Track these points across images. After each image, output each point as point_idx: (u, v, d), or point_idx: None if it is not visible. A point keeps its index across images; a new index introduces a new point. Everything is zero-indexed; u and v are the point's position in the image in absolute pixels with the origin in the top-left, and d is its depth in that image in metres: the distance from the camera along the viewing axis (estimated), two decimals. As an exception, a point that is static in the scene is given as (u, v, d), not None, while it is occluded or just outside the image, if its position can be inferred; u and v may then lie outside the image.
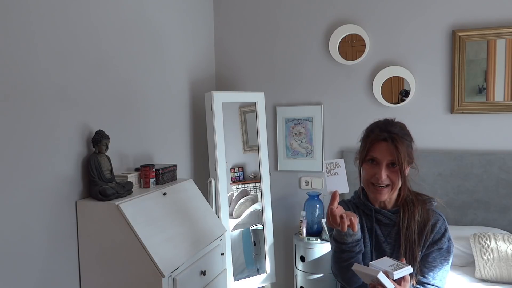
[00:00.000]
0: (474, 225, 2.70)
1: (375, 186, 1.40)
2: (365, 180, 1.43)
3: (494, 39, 2.68)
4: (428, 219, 1.41)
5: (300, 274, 2.88)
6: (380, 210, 1.46)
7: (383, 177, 1.37)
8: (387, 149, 1.37)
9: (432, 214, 1.43)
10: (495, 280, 2.27)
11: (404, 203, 1.44)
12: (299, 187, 3.21)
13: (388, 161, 1.38)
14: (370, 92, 2.97)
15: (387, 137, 1.37)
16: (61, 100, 1.80)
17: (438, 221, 1.42)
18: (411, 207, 1.42)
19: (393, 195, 1.44)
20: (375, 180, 1.39)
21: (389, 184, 1.39)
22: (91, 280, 1.90)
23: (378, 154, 1.38)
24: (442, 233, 1.41)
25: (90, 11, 1.97)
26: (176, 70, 2.78)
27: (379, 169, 1.38)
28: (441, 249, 1.40)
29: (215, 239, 2.25)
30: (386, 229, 1.45)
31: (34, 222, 1.68)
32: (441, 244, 1.40)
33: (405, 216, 1.41)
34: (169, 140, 2.68)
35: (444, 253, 1.41)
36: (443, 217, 1.45)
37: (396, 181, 1.39)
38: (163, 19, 2.61)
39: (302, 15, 3.11)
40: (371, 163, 1.41)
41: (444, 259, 1.41)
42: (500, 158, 2.67)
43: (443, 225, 1.42)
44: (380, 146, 1.38)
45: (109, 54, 2.11)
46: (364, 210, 1.50)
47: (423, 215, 1.42)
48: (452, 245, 1.43)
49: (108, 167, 1.94)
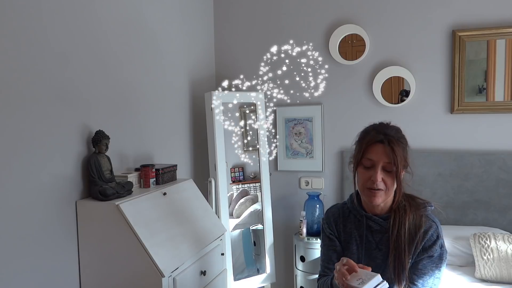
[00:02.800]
0: (474, 225, 2.70)
1: (370, 190, 1.37)
2: (360, 185, 1.41)
3: (494, 39, 2.68)
4: (420, 226, 1.38)
5: (300, 274, 2.88)
6: (371, 216, 1.43)
7: (378, 179, 1.35)
8: (383, 151, 1.35)
9: (425, 221, 1.39)
10: (495, 280, 2.27)
11: (396, 209, 1.41)
12: (299, 187, 3.21)
13: (384, 163, 1.35)
14: (370, 92, 2.97)
15: (383, 139, 1.36)
16: (61, 100, 1.80)
17: (430, 228, 1.38)
18: (403, 213, 1.39)
19: (387, 199, 1.41)
20: (370, 183, 1.37)
21: (383, 188, 1.36)
22: (91, 280, 1.90)
23: (374, 155, 1.36)
24: (434, 241, 1.37)
25: (90, 11, 1.97)
26: (176, 70, 2.78)
27: (375, 171, 1.35)
28: (432, 256, 1.37)
29: (215, 239, 2.25)
30: (377, 236, 1.43)
31: (34, 222, 1.68)
32: (432, 251, 1.37)
33: (395, 223, 1.38)
34: (169, 140, 2.68)
35: (436, 260, 1.37)
36: (437, 223, 1.41)
37: (390, 186, 1.37)
38: (163, 19, 2.61)
39: (302, 15, 3.11)
40: (366, 167, 1.38)
41: (435, 267, 1.37)
42: (500, 158, 2.67)
43: (435, 233, 1.38)
44: (377, 148, 1.36)
45: (109, 54, 2.11)
46: (356, 215, 1.49)
47: (415, 222, 1.38)
48: (445, 252, 1.39)
49: (108, 167, 1.94)
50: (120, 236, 1.81)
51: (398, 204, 1.42)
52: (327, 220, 1.55)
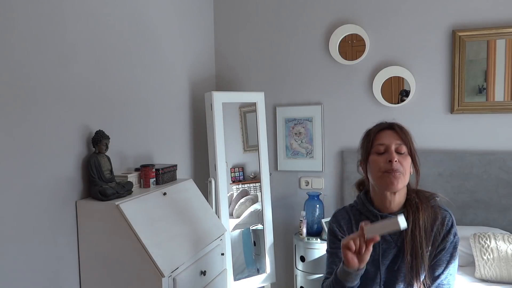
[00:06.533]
0: (474, 225, 2.70)
1: (388, 173, 1.35)
2: (376, 171, 1.38)
3: (494, 39, 2.68)
4: (436, 218, 1.39)
5: (300, 274, 2.88)
6: (386, 215, 1.40)
7: (395, 158, 1.35)
8: (393, 134, 1.40)
9: (439, 212, 1.41)
10: (495, 280, 2.27)
11: (408, 205, 1.41)
12: (299, 187, 3.21)
13: (396, 145, 1.37)
14: (370, 92, 2.97)
15: (390, 125, 1.42)
16: (61, 100, 1.80)
17: (445, 217, 1.40)
18: (415, 208, 1.39)
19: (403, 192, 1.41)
20: (387, 166, 1.35)
21: (401, 171, 1.36)
22: (91, 280, 1.90)
23: (385, 140, 1.39)
24: (449, 229, 1.39)
25: (90, 11, 1.97)
26: (176, 70, 2.78)
27: (389, 153, 1.36)
28: (446, 246, 1.38)
29: (215, 239, 2.25)
30: (395, 235, 1.41)
31: (34, 222, 1.68)
32: (447, 240, 1.38)
33: (409, 216, 1.38)
34: (169, 140, 2.68)
35: (451, 249, 1.38)
36: (450, 212, 1.43)
37: (407, 167, 1.37)
38: (163, 19, 2.61)
39: (302, 15, 3.11)
40: (379, 153, 1.39)
41: (450, 256, 1.38)
42: (500, 158, 2.67)
43: (450, 220, 1.40)
44: (386, 133, 1.41)
45: (109, 54, 2.11)
46: (368, 216, 1.45)
47: (430, 214, 1.39)
48: (458, 240, 1.41)
49: (108, 167, 1.94)
50: (120, 236, 1.81)
51: (410, 199, 1.42)
52: (337, 224, 1.50)
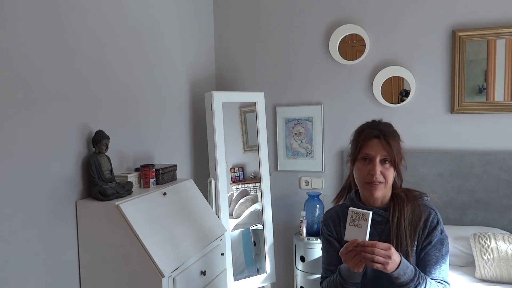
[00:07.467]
0: (474, 225, 2.70)
1: (370, 184, 1.42)
2: (360, 179, 1.46)
3: (494, 39, 2.68)
4: (420, 216, 1.43)
5: (300, 274, 2.88)
6: (372, 208, 1.46)
7: (377, 172, 1.40)
8: (379, 145, 1.42)
9: (423, 210, 1.45)
10: (495, 280, 2.27)
11: (395, 199, 1.46)
12: (299, 187, 3.21)
13: (381, 157, 1.41)
14: (370, 92, 2.97)
15: (378, 134, 1.43)
16: (61, 100, 1.80)
17: (430, 215, 1.44)
18: (401, 202, 1.45)
19: (387, 192, 1.47)
20: (369, 177, 1.42)
21: (382, 181, 1.42)
22: (91, 280, 1.90)
23: (371, 150, 1.42)
24: (434, 226, 1.43)
25: (90, 11, 1.97)
26: (176, 70, 2.78)
27: (373, 165, 1.41)
28: (432, 242, 1.42)
29: (215, 239, 2.25)
30: (380, 227, 1.46)
31: (34, 222, 1.68)
32: (433, 237, 1.42)
33: (395, 211, 1.43)
34: (169, 140, 2.68)
35: (438, 245, 1.42)
36: (435, 210, 1.46)
37: (389, 178, 1.43)
38: (163, 19, 2.61)
39: (302, 15, 3.11)
40: (364, 162, 1.44)
41: (438, 252, 1.42)
42: (500, 158, 2.67)
43: (434, 218, 1.44)
44: (373, 143, 1.43)
45: (109, 54, 2.11)
46: None
47: (415, 211, 1.44)
48: (446, 237, 1.44)
49: (108, 167, 1.94)
50: (120, 236, 1.81)
51: (397, 195, 1.47)
52: (325, 223, 1.58)
